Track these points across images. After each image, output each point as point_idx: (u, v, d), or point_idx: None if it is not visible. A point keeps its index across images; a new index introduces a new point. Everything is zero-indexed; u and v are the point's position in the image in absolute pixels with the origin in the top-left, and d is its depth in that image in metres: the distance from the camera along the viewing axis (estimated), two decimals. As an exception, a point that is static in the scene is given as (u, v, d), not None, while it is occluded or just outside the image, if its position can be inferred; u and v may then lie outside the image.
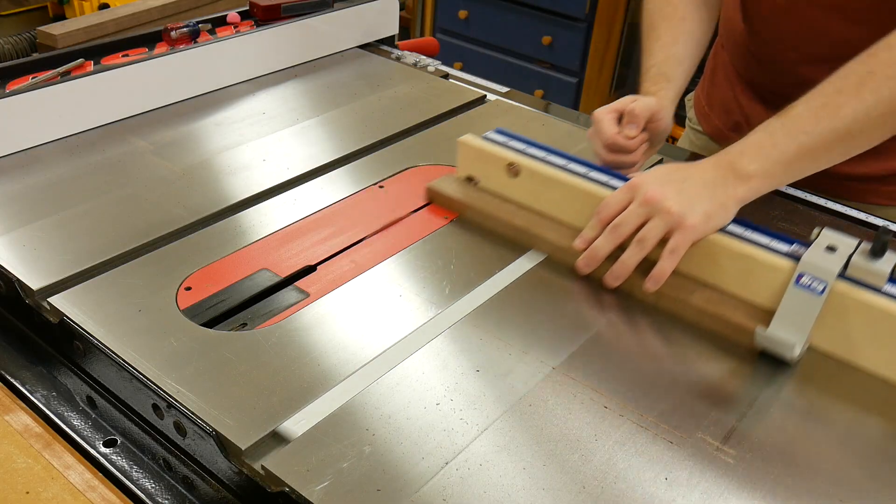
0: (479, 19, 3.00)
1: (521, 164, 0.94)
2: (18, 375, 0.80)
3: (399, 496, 0.62)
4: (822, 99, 0.83)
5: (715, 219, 0.81)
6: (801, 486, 0.66)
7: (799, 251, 0.79)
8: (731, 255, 0.82)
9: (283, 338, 0.77)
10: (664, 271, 0.81)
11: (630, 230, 0.83)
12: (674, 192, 0.81)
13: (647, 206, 0.81)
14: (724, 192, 0.82)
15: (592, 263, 0.85)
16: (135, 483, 0.69)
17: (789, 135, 0.83)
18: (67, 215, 0.93)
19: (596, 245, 0.85)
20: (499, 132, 1.00)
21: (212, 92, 1.24)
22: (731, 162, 0.84)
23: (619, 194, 0.85)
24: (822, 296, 0.76)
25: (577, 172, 0.92)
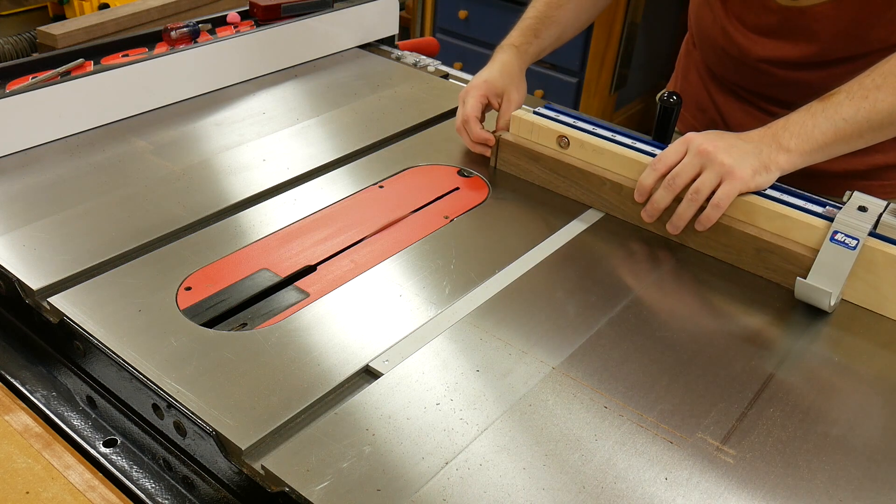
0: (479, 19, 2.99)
1: (571, 136, 1.01)
2: (18, 375, 0.80)
3: (399, 496, 0.62)
4: (862, 92, 0.90)
5: (760, 176, 0.89)
6: (800, 486, 0.66)
7: (832, 212, 0.88)
8: (770, 216, 0.89)
9: (283, 338, 0.77)
10: (711, 218, 0.90)
11: (686, 180, 0.90)
12: (725, 146, 0.89)
13: (701, 157, 0.89)
14: (768, 157, 0.90)
15: (655, 214, 0.94)
16: (135, 483, 0.69)
17: (829, 119, 0.90)
18: (67, 215, 0.93)
19: (656, 198, 0.93)
20: (548, 108, 1.08)
21: (212, 92, 1.24)
22: (774, 134, 0.91)
23: (675, 146, 0.92)
24: (856, 251, 0.83)
25: (624, 143, 0.99)
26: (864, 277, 0.85)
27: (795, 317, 0.86)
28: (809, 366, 0.80)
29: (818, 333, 0.84)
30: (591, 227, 0.98)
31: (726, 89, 1.18)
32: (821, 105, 0.91)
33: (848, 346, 0.83)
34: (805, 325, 0.85)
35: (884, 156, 1.08)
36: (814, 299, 0.85)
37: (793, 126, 0.91)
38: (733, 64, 1.14)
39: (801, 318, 0.86)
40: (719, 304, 0.88)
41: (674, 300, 0.89)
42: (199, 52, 1.21)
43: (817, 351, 0.82)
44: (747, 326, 0.84)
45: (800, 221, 0.88)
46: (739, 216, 0.91)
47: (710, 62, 1.20)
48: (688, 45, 1.26)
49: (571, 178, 1.02)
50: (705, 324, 0.84)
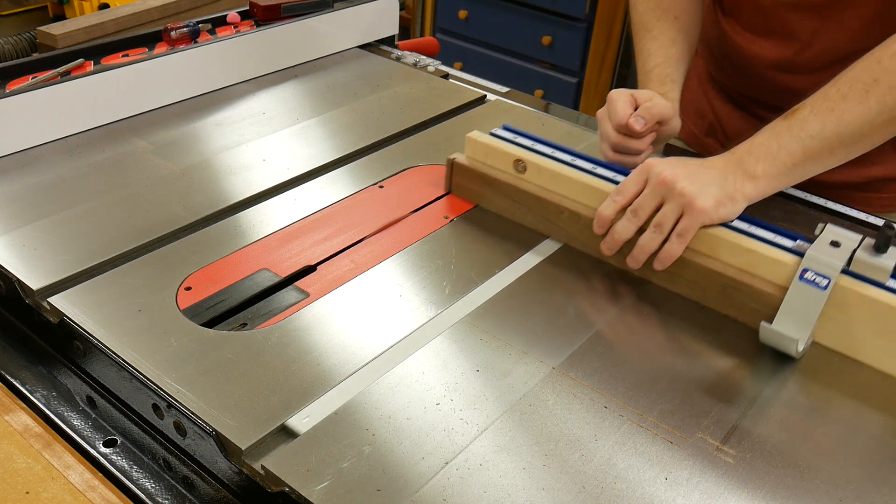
0: (479, 19, 2.99)
1: (528, 160, 0.95)
2: (18, 375, 0.80)
3: (399, 496, 0.62)
4: (828, 104, 0.84)
5: (724, 207, 0.83)
6: (800, 486, 0.66)
7: (803, 246, 0.80)
8: (736, 250, 0.82)
9: (283, 338, 0.77)
10: (672, 253, 0.84)
11: (648, 212, 0.85)
12: (687, 174, 0.84)
13: (661, 188, 0.83)
14: (733, 186, 0.84)
15: (615, 247, 0.88)
16: (135, 483, 0.69)
17: (795, 138, 0.85)
18: (67, 215, 0.93)
19: (617, 228, 0.87)
20: (506, 129, 1.01)
21: (212, 92, 1.24)
22: (739, 159, 0.86)
23: (633, 176, 0.87)
24: (826, 290, 0.77)
25: (584, 169, 0.93)
26: (836, 318, 0.78)
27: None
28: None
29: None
30: (547, 259, 0.91)
31: (725, 96, 1.19)
32: (785, 123, 0.86)
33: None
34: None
35: (883, 168, 1.07)
36: (780, 345, 0.78)
37: (757, 149, 0.86)
38: (730, 67, 1.14)
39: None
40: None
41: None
42: (199, 52, 1.21)
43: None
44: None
45: (767, 257, 0.81)
46: (703, 250, 0.85)
47: (710, 67, 1.20)
48: None
49: (528, 205, 0.95)
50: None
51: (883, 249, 0.78)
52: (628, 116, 0.94)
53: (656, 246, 0.85)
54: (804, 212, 1.05)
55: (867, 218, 1.05)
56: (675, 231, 0.83)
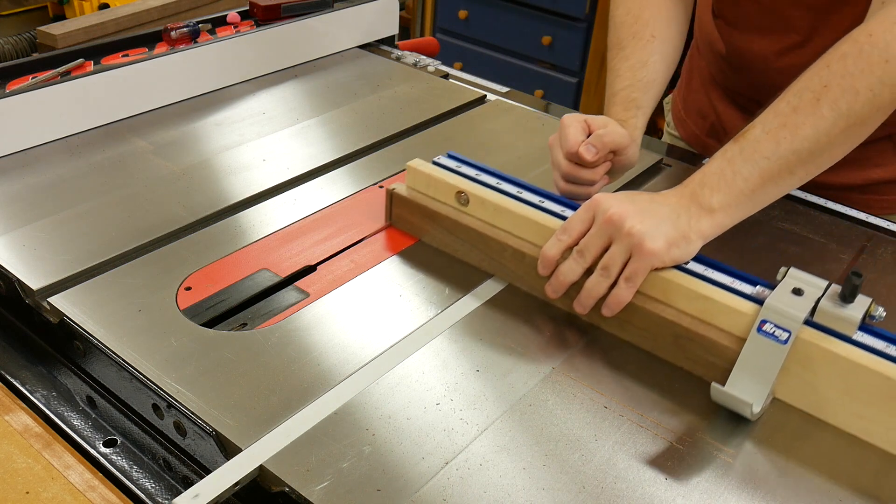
0: (479, 19, 2.99)
1: (471, 192, 0.87)
2: (18, 375, 0.80)
3: (399, 496, 0.62)
4: (779, 119, 0.78)
5: (676, 249, 0.76)
6: (800, 486, 0.66)
7: (763, 293, 0.73)
8: (690, 296, 0.75)
9: (283, 338, 0.77)
10: (621, 299, 0.76)
11: (595, 254, 0.77)
12: (636, 212, 0.76)
13: (609, 227, 0.76)
14: (686, 223, 0.77)
15: (560, 289, 0.80)
16: (135, 483, 0.69)
17: (749, 160, 0.78)
18: (67, 215, 0.93)
19: (562, 270, 0.79)
20: (450, 157, 0.93)
21: (212, 92, 1.24)
22: (693, 192, 0.79)
23: (580, 214, 0.79)
24: (787, 345, 0.69)
25: (530, 202, 0.85)
26: (799, 375, 0.71)
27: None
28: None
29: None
30: (489, 302, 0.84)
31: (727, 97, 1.19)
32: (737, 146, 0.79)
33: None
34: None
35: (882, 170, 1.07)
36: (734, 407, 0.70)
37: (711, 178, 0.78)
38: (730, 68, 1.14)
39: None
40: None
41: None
42: (199, 52, 1.21)
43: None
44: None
45: (724, 305, 0.73)
46: (656, 295, 0.77)
47: (712, 68, 1.20)
48: (692, 51, 1.27)
49: (470, 241, 0.87)
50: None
51: (850, 299, 0.70)
52: (579, 144, 0.88)
53: (603, 290, 0.77)
54: (804, 212, 1.05)
55: (867, 218, 1.05)
56: (624, 275, 0.76)
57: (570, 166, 0.89)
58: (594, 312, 0.79)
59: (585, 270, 0.78)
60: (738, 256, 0.95)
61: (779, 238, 0.99)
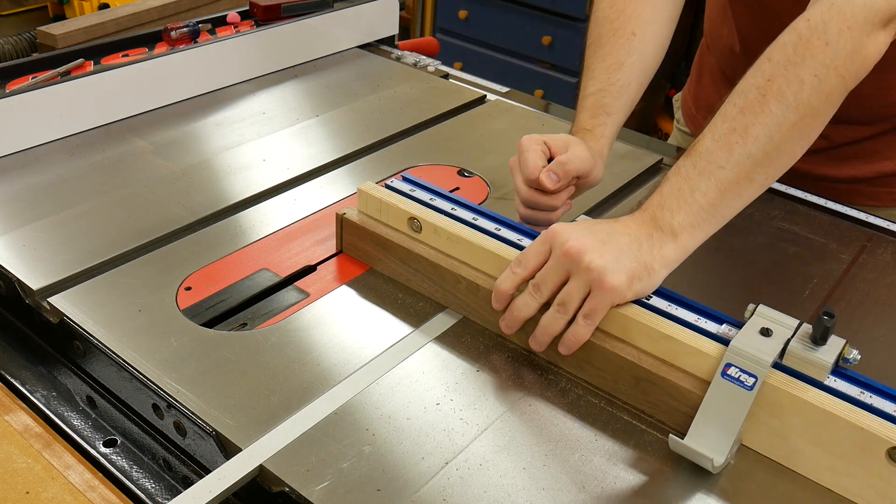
0: (479, 19, 2.99)
1: (423, 219, 0.82)
2: (18, 375, 0.80)
3: (399, 496, 0.62)
4: (727, 124, 0.74)
5: (639, 282, 0.71)
6: (800, 485, 0.66)
7: (729, 333, 0.69)
8: (653, 335, 0.70)
9: (283, 338, 0.77)
10: (579, 336, 0.71)
11: (551, 289, 0.72)
12: (595, 244, 0.71)
13: (567, 260, 0.71)
14: (649, 252, 0.72)
15: (515, 325, 0.75)
16: (135, 483, 0.69)
17: (704, 173, 0.73)
18: (67, 215, 0.93)
19: (517, 305, 0.74)
20: (406, 180, 0.89)
21: (212, 92, 1.24)
22: (653, 217, 0.74)
23: (536, 245, 0.74)
24: (753, 391, 0.64)
25: (486, 230, 0.81)
26: (767, 422, 0.66)
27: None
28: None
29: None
30: (441, 336, 0.79)
31: None
32: (689, 161, 0.75)
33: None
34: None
35: (892, 163, 1.06)
36: (694, 460, 0.66)
37: (668, 199, 0.74)
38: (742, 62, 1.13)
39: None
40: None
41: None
42: (199, 52, 1.21)
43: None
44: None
45: (687, 346, 0.68)
46: (616, 333, 0.72)
47: (722, 65, 1.19)
48: (702, 49, 1.26)
49: (424, 272, 0.83)
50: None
51: (821, 341, 0.65)
52: (539, 170, 0.83)
53: (560, 327, 0.72)
54: (804, 212, 1.05)
55: (867, 218, 1.05)
56: (582, 311, 0.71)
57: (531, 192, 0.85)
58: (551, 350, 0.74)
59: (542, 305, 0.73)
60: (739, 256, 0.95)
61: (779, 238, 0.99)
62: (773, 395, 0.65)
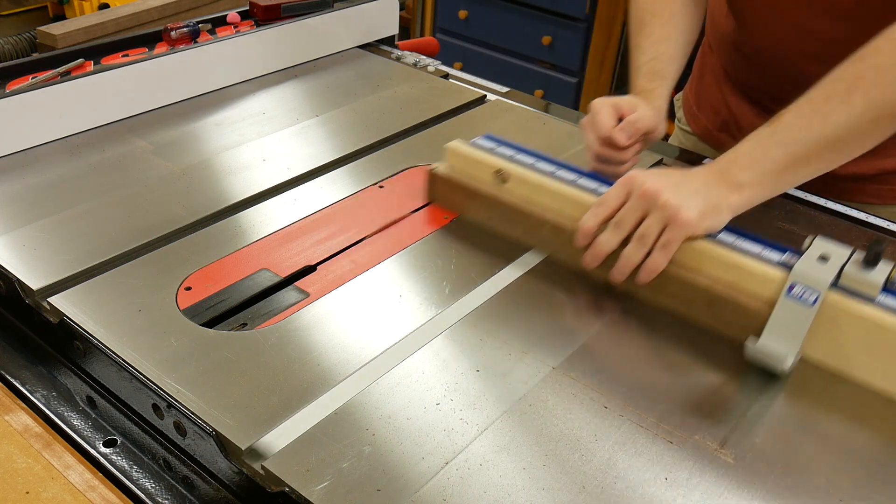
0: (479, 19, 3.00)
1: (510, 171, 0.92)
2: (18, 375, 0.80)
3: (399, 496, 0.62)
4: (811, 106, 0.82)
5: (708, 219, 0.81)
6: (800, 486, 0.66)
7: (791, 260, 0.78)
8: (722, 265, 0.80)
9: (283, 338, 0.77)
10: (656, 266, 0.81)
11: (631, 225, 0.82)
12: (670, 185, 0.81)
13: (645, 200, 0.81)
14: (717, 196, 0.82)
15: (597, 259, 0.85)
16: (135, 483, 0.69)
17: (780, 144, 0.82)
18: (67, 215, 0.93)
19: (601, 241, 0.84)
20: (488, 138, 0.98)
21: (212, 92, 1.24)
22: (723, 170, 0.83)
23: (616, 188, 0.84)
24: (814, 307, 0.74)
25: (566, 179, 0.90)
26: (825, 334, 0.76)
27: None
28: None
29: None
30: (529, 272, 0.88)
31: (740, 91, 1.19)
32: (769, 129, 0.84)
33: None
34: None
35: (894, 160, 1.07)
36: (767, 363, 0.76)
37: (742, 158, 0.83)
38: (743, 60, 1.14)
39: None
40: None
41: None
42: (199, 52, 1.21)
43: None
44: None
45: (754, 272, 0.78)
46: (689, 264, 0.82)
47: (724, 62, 1.20)
48: (704, 47, 1.27)
49: (510, 217, 0.92)
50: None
51: (873, 264, 0.75)
52: (611, 129, 0.92)
53: (640, 258, 0.82)
54: (805, 212, 1.05)
55: (867, 218, 1.05)
56: (659, 243, 0.81)
57: (603, 148, 0.94)
58: (629, 281, 0.84)
59: (622, 241, 0.83)
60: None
61: (779, 238, 0.99)
62: (831, 311, 0.75)
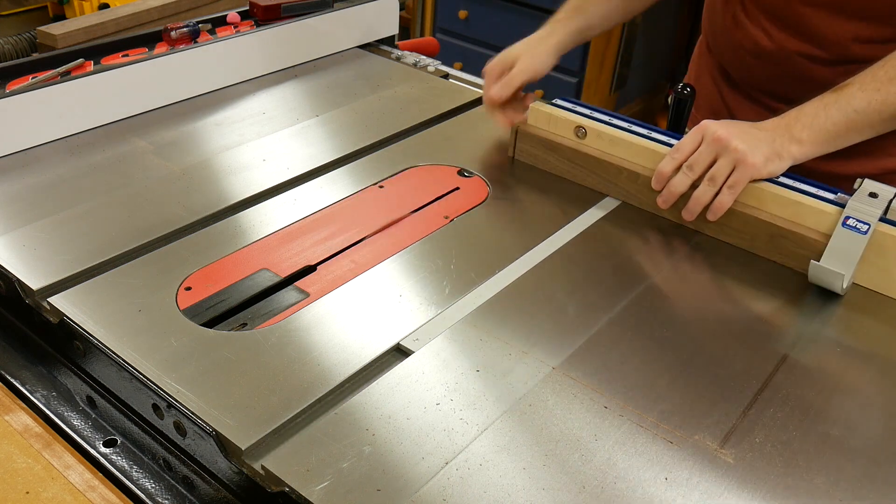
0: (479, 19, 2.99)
1: (589, 126, 1.04)
2: (18, 375, 0.80)
3: (399, 496, 0.62)
4: (875, 84, 0.92)
5: (772, 164, 0.91)
6: (800, 486, 0.66)
7: (843, 198, 0.90)
8: (783, 202, 0.91)
9: (283, 338, 0.77)
10: (724, 203, 0.92)
11: (703, 167, 0.92)
12: (740, 132, 0.91)
13: (716, 145, 0.91)
14: (780, 145, 0.92)
15: (671, 199, 0.96)
16: (135, 483, 0.69)
17: (841, 111, 0.92)
18: (67, 215, 0.93)
19: (674, 182, 0.95)
20: (564, 99, 1.11)
21: (212, 92, 1.24)
22: (787, 124, 0.93)
23: (691, 135, 0.94)
24: (867, 235, 0.86)
25: (640, 133, 1.02)
26: (875, 262, 0.88)
27: (808, 300, 0.89)
28: (821, 348, 0.82)
29: (830, 316, 0.86)
30: (608, 215, 1.01)
31: (739, 91, 1.18)
32: (833, 96, 0.93)
33: (859, 329, 0.86)
34: (818, 308, 0.87)
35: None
36: (826, 282, 0.87)
37: (805, 117, 0.93)
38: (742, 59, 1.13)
39: (814, 300, 0.88)
40: (733, 289, 0.91)
41: (690, 286, 0.92)
42: (199, 52, 1.21)
43: (829, 333, 0.84)
44: (761, 310, 0.87)
45: (812, 207, 0.90)
46: (752, 202, 0.93)
47: (723, 61, 1.20)
48: (700, 48, 1.27)
49: (588, 167, 1.05)
50: (720, 308, 0.87)
51: None
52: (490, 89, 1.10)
53: (710, 198, 0.92)
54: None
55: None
56: (727, 184, 0.91)
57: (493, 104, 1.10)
58: (698, 220, 0.95)
59: (692, 184, 0.93)
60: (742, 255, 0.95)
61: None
62: (881, 240, 0.87)
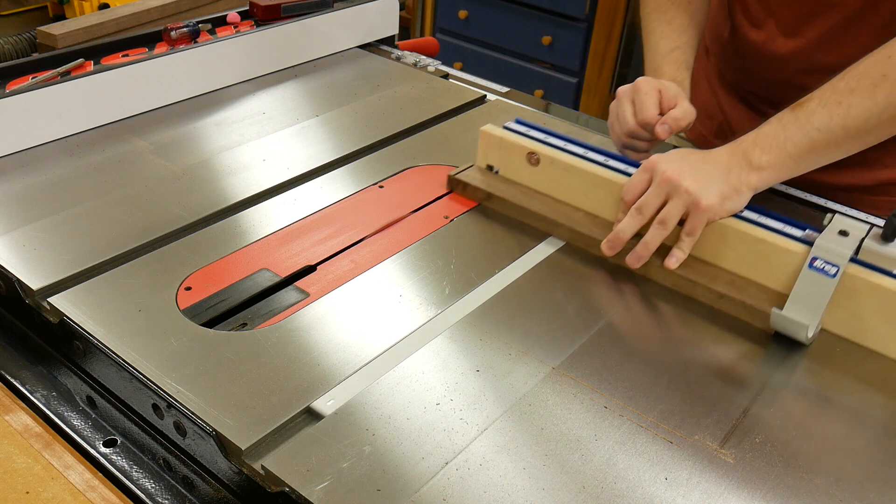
0: (479, 19, 2.99)
1: (542, 153, 0.97)
2: (18, 375, 0.80)
3: (399, 496, 0.62)
4: (836, 97, 0.85)
5: (729, 201, 0.85)
6: (800, 486, 0.66)
7: (812, 236, 0.82)
8: (747, 240, 0.84)
9: (283, 338, 0.77)
10: (684, 251, 0.86)
11: (652, 211, 0.85)
12: (690, 170, 0.84)
13: (666, 186, 0.84)
14: (737, 178, 0.85)
15: (617, 245, 0.88)
16: (135, 483, 0.69)
17: (801, 129, 0.85)
18: (67, 215, 0.93)
19: (620, 227, 0.87)
20: (519, 122, 1.02)
21: (212, 92, 1.24)
22: (744, 151, 0.87)
23: (638, 175, 0.88)
24: (835, 278, 0.78)
25: (596, 161, 0.95)
26: (844, 306, 0.80)
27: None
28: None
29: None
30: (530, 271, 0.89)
31: (735, 95, 1.18)
32: (792, 115, 0.87)
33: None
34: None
35: (891, 171, 1.07)
36: (790, 331, 0.80)
37: (763, 140, 0.87)
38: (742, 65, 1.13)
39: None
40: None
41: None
42: (199, 52, 1.21)
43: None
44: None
45: (778, 246, 0.83)
46: (714, 241, 0.86)
47: (721, 66, 1.19)
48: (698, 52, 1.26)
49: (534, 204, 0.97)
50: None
51: (890, 239, 0.80)
52: (655, 118, 0.93)
53: (659, 242, 0.85)
54: (805, 212, 1.06)
55: (867, 218, 1.04)
56: (684, 231, 0.85)
57: (639, 130, 0.95)
58: (647, 266, 0.87)
59: (641, 227, 0.86)
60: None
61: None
62: (851, 283, 0.79)
